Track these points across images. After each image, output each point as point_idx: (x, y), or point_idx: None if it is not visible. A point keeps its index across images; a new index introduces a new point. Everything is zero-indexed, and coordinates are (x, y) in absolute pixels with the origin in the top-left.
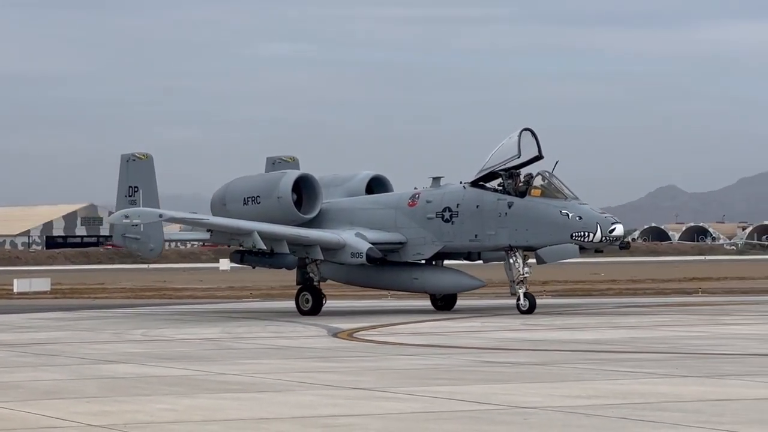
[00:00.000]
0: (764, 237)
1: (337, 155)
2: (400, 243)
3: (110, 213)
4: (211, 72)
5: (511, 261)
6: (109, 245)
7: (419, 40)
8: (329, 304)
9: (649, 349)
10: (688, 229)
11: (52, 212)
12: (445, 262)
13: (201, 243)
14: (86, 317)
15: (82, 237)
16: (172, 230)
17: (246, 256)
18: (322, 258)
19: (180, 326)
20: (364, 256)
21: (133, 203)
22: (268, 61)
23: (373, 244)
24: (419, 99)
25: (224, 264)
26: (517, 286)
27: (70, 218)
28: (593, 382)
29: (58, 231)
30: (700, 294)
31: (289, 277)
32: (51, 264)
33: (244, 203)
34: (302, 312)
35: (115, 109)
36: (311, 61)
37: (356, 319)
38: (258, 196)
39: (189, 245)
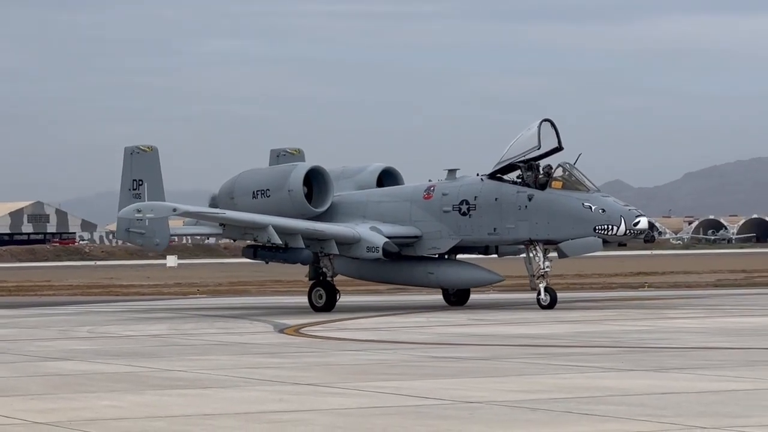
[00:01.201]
0: (710, 231)
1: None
2: (416, 237)
3: (57, 210)
4: (157, 68)
5: (531, 255)
6: (56, 242)
7: (365, 35)
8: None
9: (595, 343)
10: None
11: None
12: (458, 256)
13: (206, 238)
14: (32, 314)
15: (28, 234)
16: (175, 224)
17: (259, 251)
18: (337, 252)
19: (126, 323)
20: (380, 251)
21: (138, 197)
22: (213, 57)
23: (388, 238)
24: (368, 96)
25: (171, 261)
26: (537, 281)
27: (16, 216)
28: (538, 376)
29: (3, 228)
30: (646, 288)
31: (239, 273)
32: None
33: (254, 196)
34: (315, 308)
35: (61, 106)
36: (257, 57)
37: (304, 315)
38: (268, 190)
39: None
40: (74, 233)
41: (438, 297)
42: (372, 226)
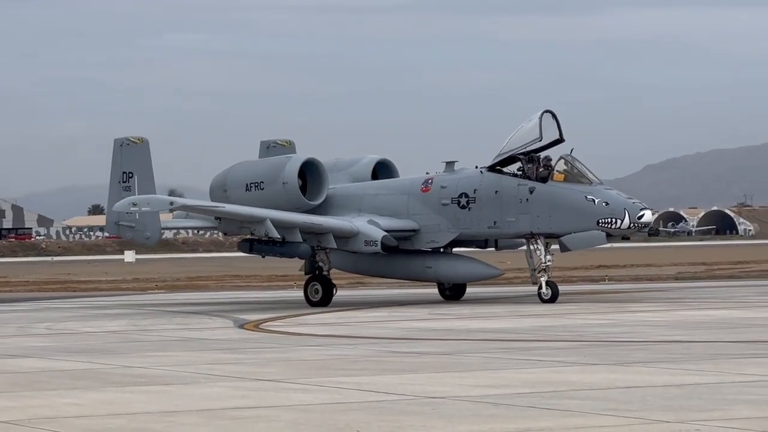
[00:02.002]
0: (670, 224)
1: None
2: (413, 230)
3: (13, 205)
4: (113, 62)
5: (532, 248)
6: (12, 238)
7: (322, 29)
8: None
9: (557, 337)
10: None
11: None
12: (453, 249)
13: (197, 231)
14: None
15: None
16: (164, 217)
17: (255, 245)
18: (336, 246)
19: (85, 319)
20: (379, 245)
21: (128, 190)
22: (170, 51)
23: (385, 231)
24: (324, 89)
25: (129, 256)
26: (539, 275)
27: None
28: (501, 371)
29: None
30: (607, 281)
31: (198, 268)
32: None
33: (247, 189)
34: (311, 303)
35: (16, 101)
36: (215, 52)
37: (264, 310)
38: (262, 182)
39: (94, 236)
40: (30, 229)
41: (434, 291)
42: (370, 220)
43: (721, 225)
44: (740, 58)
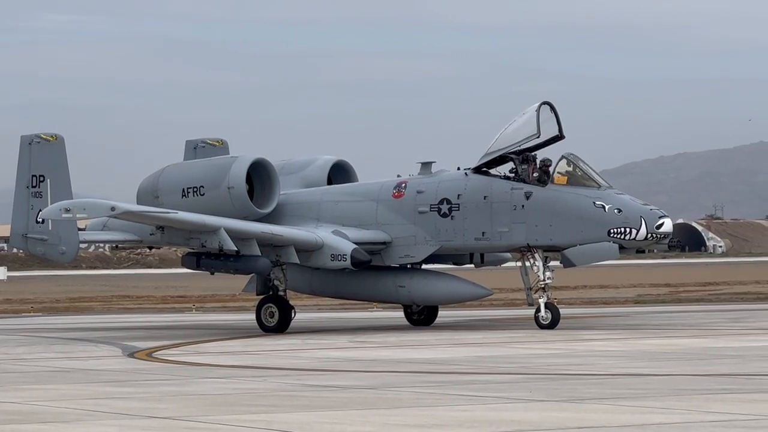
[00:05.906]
0: None
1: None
2: (384, 243)
3: None
4: None
5: (528, 264)
6: None
7: (221, 13)
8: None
9: (499, 369)
10: None
11: None
12: (423, 266)
13: (114, 245)
14: None
15: None
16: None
17: (204, 259)
18: (298, 261)
19: None
20: (348, 259)
21: (38, 196)
22: (46, 34)
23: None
24: (218, 78)
25: (0, 272)
26: (536, 295)
27: None
28: (434, 408)
29: None
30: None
31: (80, 287)
32: None
33: (183, 195)
34: (266, 329)
35: None
36: (98, 34)
37: (157, 338)
38: (201, 187)
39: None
40: None
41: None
42: (335, 230)
43: (687, 240)
44: (711, 49)
